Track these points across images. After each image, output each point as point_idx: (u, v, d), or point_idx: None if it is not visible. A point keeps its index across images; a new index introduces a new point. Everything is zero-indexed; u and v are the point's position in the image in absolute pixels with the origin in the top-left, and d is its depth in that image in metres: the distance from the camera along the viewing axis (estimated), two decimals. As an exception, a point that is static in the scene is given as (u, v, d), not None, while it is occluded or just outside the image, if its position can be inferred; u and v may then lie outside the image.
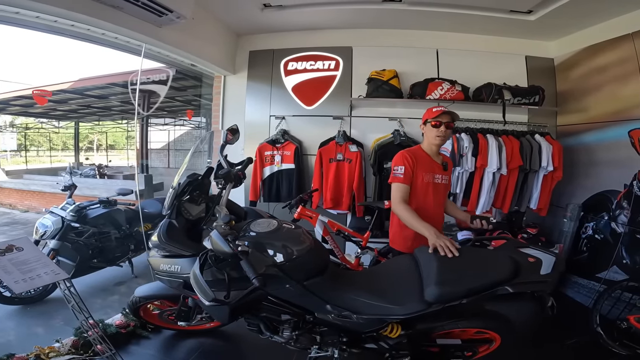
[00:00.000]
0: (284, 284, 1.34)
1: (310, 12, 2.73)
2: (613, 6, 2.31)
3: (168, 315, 1.99)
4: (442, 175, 1.79)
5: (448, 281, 1.29)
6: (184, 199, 1.57)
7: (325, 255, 1.52)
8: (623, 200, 2.31)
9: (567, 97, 2.82)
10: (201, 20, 2.60)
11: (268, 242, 1.35)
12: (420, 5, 2.55)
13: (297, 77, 3.05)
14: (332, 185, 2.79)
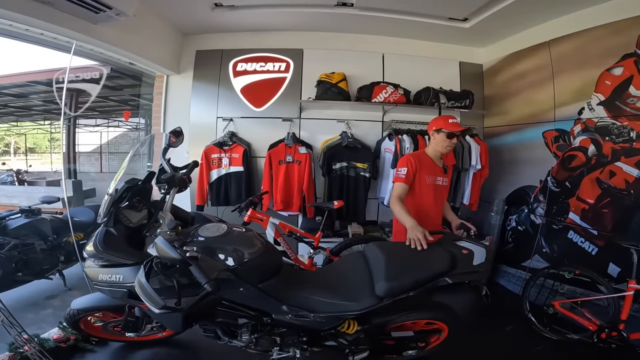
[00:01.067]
0: (238, 288, 1.32)
1: (262, 14, 2.70)
2: (534, 15, 2.57)
3: (113, 327, 1.84)
4: (443, 177, 1.95)
5: (395, 275, 1.37)
6: (122, 206, 1.47)
7: (278, 257, 1.51)
8: (539, 195, 2.63)
9: (492, 101, 3.13)
10: (144, 17, 2.46)
11: (218, 247, 1.32)
12: (370, 10, 2.65)
13: (247, 78, 2.99)
14: (282, 187, 2.79)
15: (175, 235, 1.21)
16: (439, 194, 1.94)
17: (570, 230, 2.37)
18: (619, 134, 2.13)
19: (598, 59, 2.25)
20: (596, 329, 1.97)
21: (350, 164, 2.86)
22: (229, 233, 1.39)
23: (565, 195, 2.41)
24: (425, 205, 1.91)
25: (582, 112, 2.34)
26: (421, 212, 1.88)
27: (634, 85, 2.07)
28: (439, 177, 1.93)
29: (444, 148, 1.88)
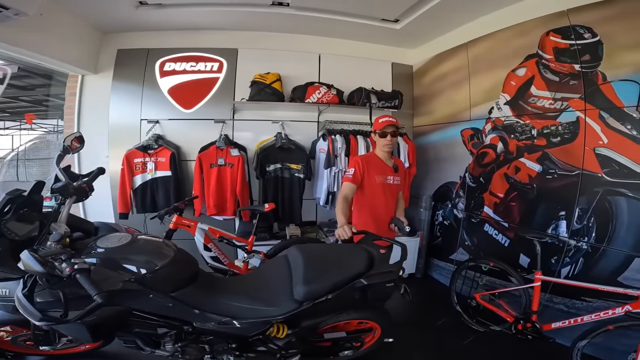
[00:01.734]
0: (146, 297, 1.28)
1: (193, 12, 2.60)
2: (456, 17, 2.68)
3: (25, 341, 1.68)
4: (394, 176, 2.02)
5: (313, 279, 1.36)
6: (5, 219, 1.36)
7: (192, 265, 1.46)
8: (460, 190, 2.77)
9: (420, 101, 3.27)
10: (53, 16, 2.28)
11: (122, 257, 1.27)
12: (305, 10, 2.64)
13: (175, 78, 2.86)
14: (215, 191, 2.70)
15: (61, 248, 1.14)
16: (391, 192, 2.02)
17: (486, 224, 2.53)
18: (522, 132, 2.30)
19: (505, 60, 2.41)
20: (513, 320, 2.06)
21: (284, 165, 2.84)
22: (133, 242, 1.33)
23: (480, 190, 2.56)
24: (376, 204, 1.98)
25: (492, 111, 2.50)
26: (373, 210, 1.98)
27: (535, 85, 2.24)
28: (389, 176, 1.99)
29: (383, 147, 1.97)
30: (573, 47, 2.02)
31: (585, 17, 1.97)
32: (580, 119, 1.98)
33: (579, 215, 1.98)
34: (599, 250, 1.91)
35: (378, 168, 1.97)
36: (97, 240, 1.32)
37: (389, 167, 2.01)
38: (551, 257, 2.13)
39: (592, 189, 1.92)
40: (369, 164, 1.96)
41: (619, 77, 1.83)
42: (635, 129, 1.76)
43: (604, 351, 1.81)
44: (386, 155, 2.02)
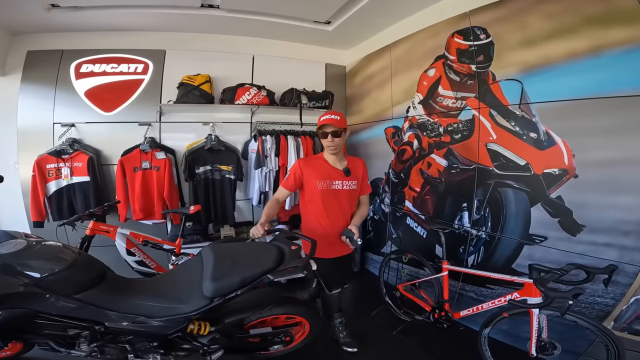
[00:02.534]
0: (47, 300, 1.29)
1: (115, 14, 2.48)
2: (380, 20, 2.77)
3: None
4: (344, 180, 1.83)
5: (221, 276, 1.39)
6: None
7: (97, 267, 1.48)
8: (385, 185, 2.89)
9: (352, 100, 3.37)
10: None
11: (17, 263, 1.29)
12: (236, 12, 2.61)
13: (93, 80, 2.73)
14: (140, 195, 2.63)
15: None
16: (340, 199, 1.84)
17: (408, 217, 2.65)
18: (432, 130, 2.43)
19: (420, 60, 2.54)
20: (430, 309, 2.17)
21: (214, 166, 2.82)
22: (28, 248, 1.34)
23: (402, 185, 2.69)
24: (320, 211, 1.84)
25: (409, 110, 2.62)
26: (319, 218, 1.85)
27: (441, 85, 2.37)
28: (337, 181, 1.82)
29: (327, 148, 1.82)
30: (471, 48, 2.16)
31: (482, 18, 2.11)
32: (475, 116, 2.13)
33: (477, 206, 2.14)
34: (495, 239, 2.07)
35: (321, 172, 1.83)
36: None
37: (337, 170, 1.84)
38: (459, 247, 2.28)
39: (485, 182, 2.07)
40: (310, 169, 1.83)
41: (505, 76, 1.99)
42: (518, 125, 1.92)
43: (511, 337, 1.97)
44: (334, 157, 1.85)
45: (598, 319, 1.63)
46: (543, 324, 1.68)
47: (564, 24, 1.73)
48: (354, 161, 1.93)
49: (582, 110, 1.67)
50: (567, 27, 1.72)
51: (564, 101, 1.74)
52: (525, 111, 1.89)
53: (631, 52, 1.51)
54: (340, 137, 1.77)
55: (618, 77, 1.56)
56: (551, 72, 1.79)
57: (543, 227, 1.85)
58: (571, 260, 1.70)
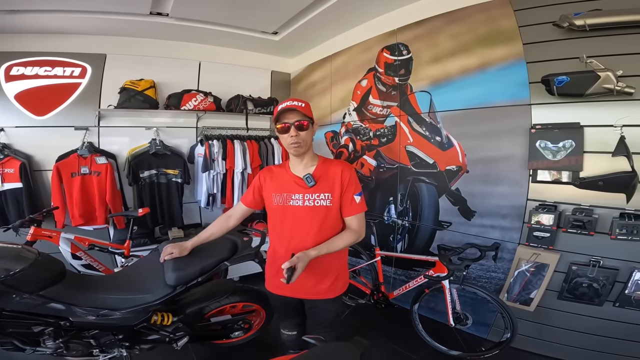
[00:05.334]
0: (11, 298, 1.33)
1: (55, 17, 2.40)
2: (323, 33, 2.99)
3: None
4: (305, 194, 1.31)
5: (182, 266, 1.52)
6: None
7: (56, 265, 1.53)
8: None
9: (297, 107, 3.59)
10: None
11: None
12: (185, 20, 2.66)
13: (24, 83, 2.61)
14: (80, 200, 2.57)
15: None
16: (298, 221, 1.32)
17: (346, 212, 2.94)
18: (364, 134, 2.75)
19: (355, 72, 2.84)
20: (370, 292, 2.43)
21: (159, 170, 2.85)
22: None
23: (340, 183, 2.97)
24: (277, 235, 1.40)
25: (345, 116, 2.92)
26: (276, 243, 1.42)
27: (372, 94, 2.69)
28: (297, 194, 1.32)
29: (289, 147, 1.31)
30: (396, 62, 2.50)
31: (406, 35, 2.44)
32: (397, 123, 2.48)
33: (400, 199, 2.48)
34: (415, 227, 2.43)
35: (278, 183, 1.38)
36: None
37: (298, 179, 1.33)
38: (389, 236, 2.60)
39: (405, 178, 2.43)
40: (269, 179, 1.41)
41: (419, 88, 2.36)
42: (427, 130, 2.29)
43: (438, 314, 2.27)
44: (298, 160, 1.34)
45: (495, 292, 2.00)
46: (455, 297, 2.03)
47: (461, 43, 2.13)
48: (329, 166, 1.36)
49: (471, 118, 2.08)
50: (463, 46, 2.12)
51: (459, 110, 2.14)
52: (433, 118, 2.26)
53: (506, 68, 1.92)
54: (307, 130, 1.28)
55: (497, 89, 1.98)
56: (450, 85, 2.19)
57: (448, 214, 2.23)
58: (469, 241, 2.09)
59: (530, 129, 1.81)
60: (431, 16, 2.29)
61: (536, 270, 1.88)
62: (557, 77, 1.70)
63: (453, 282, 1.99)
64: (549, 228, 1.79)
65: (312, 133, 1.33)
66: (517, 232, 1.93)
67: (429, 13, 2.32)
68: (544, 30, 1.80)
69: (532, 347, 1.99)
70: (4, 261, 1.37)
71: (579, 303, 1.80)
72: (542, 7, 1.81)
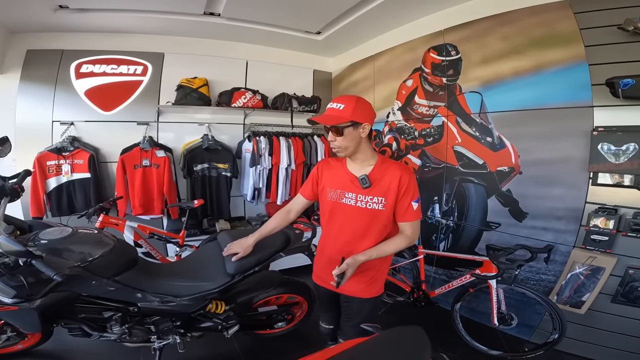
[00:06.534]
0: (92, 282, 1.40)
1: (118, 17, 2.59)
2: (365, 33, 3.06)
3: None
4: (358, 194, 1.29)
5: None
6: None
7: (131, 252, 1.64)
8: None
9: (338, 106, 3.67)
10: None
11: (65, 247, 1.38)
12: (235, 20, 2.81)
13: (93, 80, 2.83)
14: (140, 191, 2.77)
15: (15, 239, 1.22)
16: (348, 219, 1.33)
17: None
18: (409, 133, 2.79)
19: (399, 72, 2.89)
20: (410, 290, 2.46)
21: (211, 164, 3.01)
22: (74, 234, 1.46)
23: (382, 182, 3.02)
24: (329, 229, 1.41)
25: (389, 115, 2.98)
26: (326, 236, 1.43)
27: (418, 95, 2.73)
28: (350, 192, 1.31)
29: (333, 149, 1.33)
30: (444, 62, 2.53)
31: (454, 36, 2.46)
32: (445, 123, 2.51)
33: (445, 199, 2.52)
34: (461, 227, 2.46)
35: (335, 178, 1.37)
36: (38, 234, 1.41)
37: (354, 178, 1.31)
38: (432, 235, 2.65)
39: (452, 178, 2.46)
40: (327, 171, 1.40)
41: (469, 89, 2.38)
42: (477, 130, 2.31)
43: (479, 315, 2.31)
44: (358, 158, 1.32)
45: (544, 293, 1.99)
46: (501, 297, 2.05)
47: (513, 45, 2.13)
48: (387, 168, 1.30)
49: (525, 119, 2.09)
50: (515, 48, 2.13)
51: (512, 111, 2.15)
52: (484, 119, 2.28)
53: (564, 70, 1.92)
54: (344, 135, 1.24)
55: (553, 92, 1.98)
56: (502, 86, 2.20)
57: (497, 215, 2.25)
58: (517, 242, 2.10)
59: (592, 131, 1.80)
60: (479, 18, 2.30)
61: (591, 273, 1.88)
62: (622, 80, 1.69)
63: (500, 282, 2.02)
64: (608, 231, 1.78)
65: (353, 137, 1.26)
66: (573, 234, 1.93)
67: (476, 15, 2.33)
68: (606, 33, 1.78)
69: (577, 350, 1.99)
70: (87, 246, 1.44)
71: (632, 307, 1.78)
72: (605, 11, 1.79)
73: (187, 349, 1.70)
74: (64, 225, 1.60)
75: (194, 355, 1.95)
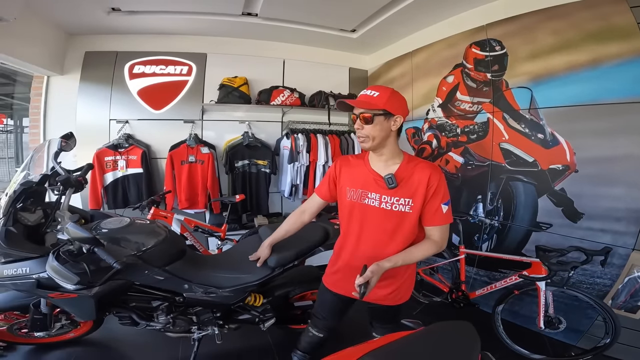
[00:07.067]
0: (144, 271, 1.45)
1: (164, 19, 2.75)
2: (401, 30, 3.04)
3: (19, 329, 1.79)
4: (383, 195, 1.18)
5: (282, 248, 1.62)
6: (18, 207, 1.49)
7: (181, 243, 1.71)
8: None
9: (374, 104, 3.66)
10: (23, 18, 2.33)
11: (123, 237, 1.45)
12: (272, 20, 2.89)
13: (145, 80, 3.01)
14: (186, 186, 2.91)
15: None
16: (371, 221, 1.22)
17: (426, 208, 2.96)
18: (450, 130, 2.75)
19: (439, 68, 2.84)
20: (448, 290, 2.42)
21: (251, 161, 3.11)
22: (132, 224, 1.54)
23: (421, 179, 2.99)
24: (348, 232, 1.30)
25: (428, 112, 2.94)
26: (343, 238, 1.34)
27: (460, 91, 2.68)
28: (373, 192, 1.20)
29: (358, 139, 1.23)
30: (487, 58, 2.47)
31: (498, 31, 2.40)
32: (490, 119, 2.44)
33: (490, 198, 2.46)
34: (507, 227, 2.39)
35: (355, 177, 1.25)
36: (99, 224, 1.51)
37: (378, 177, 1.19)
38: (474, 235, 2.59)
39: (498, 176, 2.39)
40: (346, 169, 1.30)
41: (517, 84, 2.30)
42: (527, 127, 2.24)
43: (521, 318, 2.24)
44: (377, 155, 1.21)
45: (598, 297, 1.89)
46: (549, 300, 1.97)
47: (565, 39, 2.04)
48: (414, 167, 1.19)
49: (581, 115, 1.99)
50: (567, 43, 2.04)
51: (567, 107, 2.06)
52: (534, 115, 2.21)
53: (624, 64, 1.82)
54: (373, 123, 1.14)
55: (612, 86, 1.87)
56: (554, 81, 2.11)
57: (548, 216, 2.17)
58: (571, 244, 2.02)
59: (660, 127, 1.71)
60: (524, 13, 2.22)
61: (652, 277, 1.78)
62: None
63: (550, 285, 1.95)
64: (675, 234, 1.68)
65: (383, 128, 1.15)
66: (633, 237, 1.83)
67: (520, 10, 2.25)
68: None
69: (627, 356, 1.88)
70: (142, 236, 1.49)
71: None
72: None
73: (223, 341, 1.74)
74: (121, 216, 1.69)
75: (229, 346, 1.99)
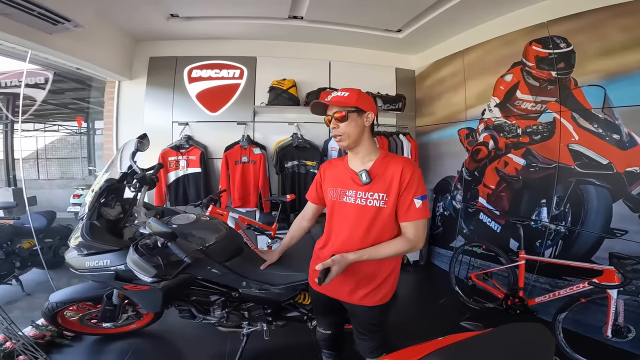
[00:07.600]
0: (207, 266, 1.53)
1: (217, 24, 2.90)
2: (450, 28, 2.99)
3: (89, 319, 1.97)
4: (358, 191, 1.21)
5: None
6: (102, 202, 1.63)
7: (240, 240, 1.77)
8: (458, 183, 3.13)
9: (422, 103, 3.61)
10: (96, 25, 2.54)
11: (190, 232, 1.52)
12: (318, 22, 2.95)
13: (202, 84, 3.17)
14: (239, 185, 3.03)
15: None
16: (347, 219, 1.23)
17: (481, 212, 2.88)
18: (509, 131, 2.65)
19: (495, 66, 2.75)
20: (503, 297, 2.34)
21: (300, 162, 3.18)
22: (197, 221, 1.63)
23: (475, 182, 2.92)
24: (329, 232, 1.32)
25: (484, 112, 2.85)
26: (327, 236, 1.34)
27: (520, 90, 2.58)
28: (350, 190, 1.22)
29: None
30: (551, 55, 2.36)
31: (561, 28, 2.29)
32: (556, 119, 2.33)
33: (556, 202, 2.34)
34: (575, 233, 2.27)
35: (337, 177, 1.30)
36: (170, 219, 1.60)
37: (354, 175, 1.22)
38: (536, 241, 2.48)
39: (566, 179, 2.27)
40: (329, 172, 1.35)
41: (587, 82, 2.18)
42: (600, 127, 2.12)
43: (583, 327, 2.13)
44: (353, 153, 1.26)
45: None
46: (620, 308, 1.86)
47: (637, 36, 1.92)
48: (389, 162, 1.22)
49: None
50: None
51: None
52: (608, 114, 2.08)
53: None
54: (348, 120, 1.18)
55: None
56: (631, 79, 1.98)
57: (624, 222, 2.03)
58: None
59: None
60: (589, 10, 2.11)
61: None
62: None
63: (623, 293, 1.83)
64: None
65: (357, 124, 1.19)
66: None
67: (584, 7, 2.14)
68: None
69: None
70: (206, 232, 1.55)
71: None
72: None
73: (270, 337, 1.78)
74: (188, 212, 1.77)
75: (275, 343, 2.02)
